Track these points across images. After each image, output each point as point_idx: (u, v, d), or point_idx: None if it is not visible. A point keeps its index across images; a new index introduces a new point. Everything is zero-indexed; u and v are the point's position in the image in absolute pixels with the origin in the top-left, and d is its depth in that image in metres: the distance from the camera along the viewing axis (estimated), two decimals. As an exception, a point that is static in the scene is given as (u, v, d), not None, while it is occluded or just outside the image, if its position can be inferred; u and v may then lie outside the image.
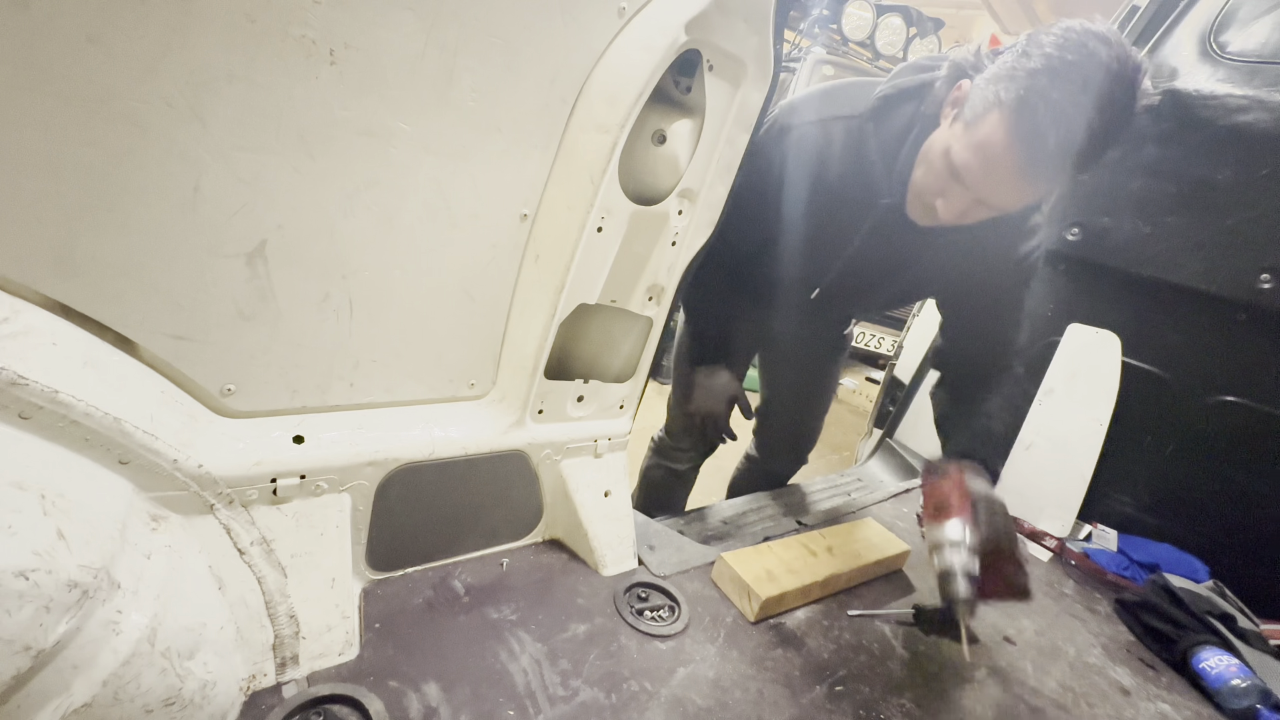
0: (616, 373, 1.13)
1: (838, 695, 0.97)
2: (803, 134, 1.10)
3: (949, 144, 0.93)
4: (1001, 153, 0.86)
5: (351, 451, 0.88)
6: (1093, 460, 1.61)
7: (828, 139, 1.09)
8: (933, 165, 0.97)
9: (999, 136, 0.86)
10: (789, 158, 1.11)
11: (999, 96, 0.86)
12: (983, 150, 0.88)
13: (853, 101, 1.09)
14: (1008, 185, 0.90)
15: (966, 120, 0.91)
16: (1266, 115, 1.42)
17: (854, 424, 4.12)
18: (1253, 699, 1.10)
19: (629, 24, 0.84)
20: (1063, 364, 1.69)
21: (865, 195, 1.11)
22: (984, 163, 0.89)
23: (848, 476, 1.89)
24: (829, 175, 1.11)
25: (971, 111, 0.90)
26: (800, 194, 1.14)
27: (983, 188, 0.91)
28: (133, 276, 0.68)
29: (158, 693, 0.61)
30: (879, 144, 1.06)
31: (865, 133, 1.07)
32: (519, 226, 0.93)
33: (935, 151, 0.96)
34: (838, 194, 1.12)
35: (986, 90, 0.89)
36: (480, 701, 0.82)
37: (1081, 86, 0.81)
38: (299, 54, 0.66)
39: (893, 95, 1.04)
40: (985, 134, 0.87)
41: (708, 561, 1.20)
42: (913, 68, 1.07)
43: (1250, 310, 1.46)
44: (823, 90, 1.16)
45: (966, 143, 0.90)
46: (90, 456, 0.64)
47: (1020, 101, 0.83)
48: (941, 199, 0.97)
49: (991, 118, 0.87)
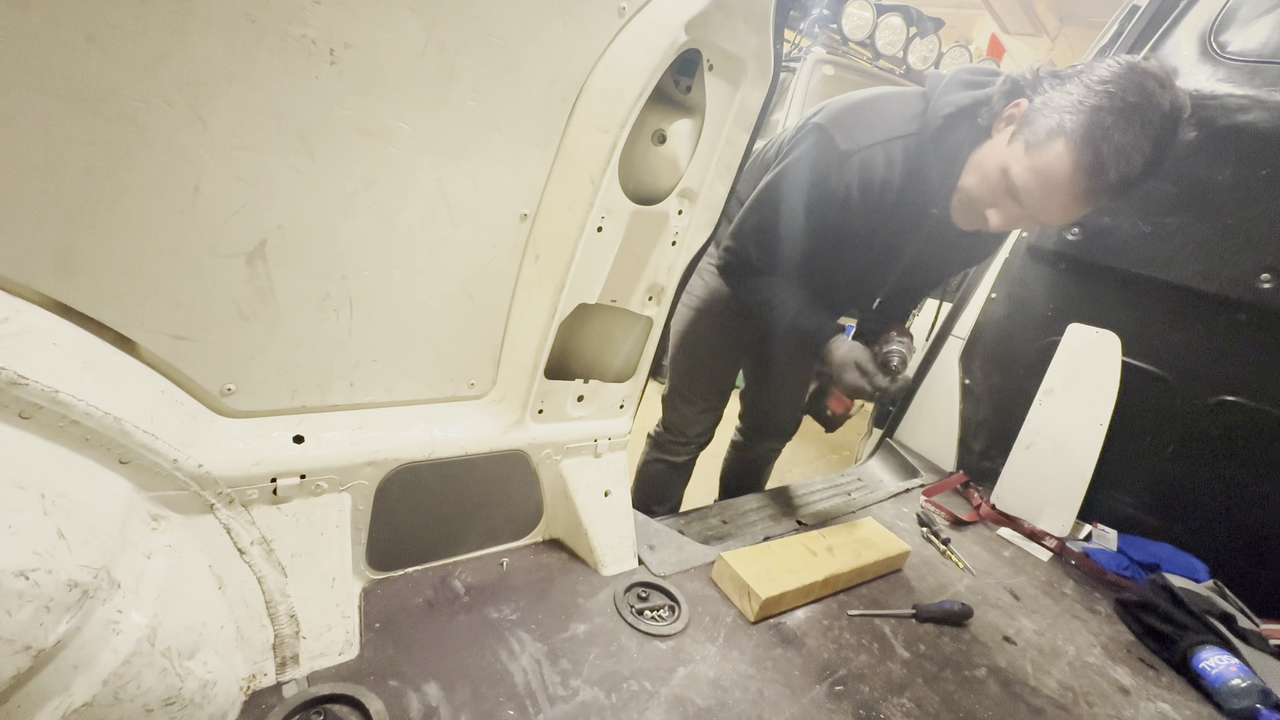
0: (616, 373, 1.13)
1: (838, 695, 0.97)
2: (868, 158, 1.10)
3: (1007, 162, 0.99)
4: (1063, 181, 0.94)
5: (351, 451, 0.88)
6: (1093, 460, 1.61)
7: (890, 160, 1.11)
8: (988, 178, 1.02)
9: (1063, 166, 0.93)
10: (855, 182, 1.11)
11: (1063, 126, 0.92)
12: (1045, 176, 0.95)
13: (906, 120, 1.11)
14: (1062, 208, 0.97)
15: (1028, 142, 0.96)
16: (1266, 115, 1.42)
17: (854, 424, 4.11)
18: (1253, 699, 1.10)
19: (629, 24, 0.84)
20: (1063, 364, 1.69)
21: (919, 207, 1.15)
22: (1044, 187, 0.95)
23: (848, 476, 1.89)
24: (890, 194, 1.13)
25: (1033, 135, 0.95)
26: (864, 214, 1.16)
27: (1038, 208, 0.98)
28: (133, 276, 0.68)
29: (158, 692, 0.61)
30: (938, 162, 1.10)
31: (925, 150, 1.10)
32: (519, 226, 0.93)
33: (991, 166, 1.01)
34: (896, 209, 1.16)
35: (1050, 118, 0.94)
36: (480, 701, 0.82)
37: (1142, 128, 0.89)
38: (299, 54, 0.66)
39: (953, 114, 1.07)
40: (1049, 161, 0.94)
41: (708, 561, 1.20)
42: (963, 83, 1.10)
43: (1250, 310, 1.45)
44: (868, 107, 1.15)
45: (1028, 165, 0.96)
46: (90, 456, 0.64)
47: (1087, 137, 0.90)
48: (994, 210, 1.03)
49: (1056, 147, 0.93)
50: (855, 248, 1.26)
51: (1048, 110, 0.95)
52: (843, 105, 1.16)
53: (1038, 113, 0.97)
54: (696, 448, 1.71)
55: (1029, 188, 0.97)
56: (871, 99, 1.17)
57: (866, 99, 1.17)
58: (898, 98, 1.16)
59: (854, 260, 1.32)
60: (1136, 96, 0.89)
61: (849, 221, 1.17)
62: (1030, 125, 0.97)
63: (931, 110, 1.09)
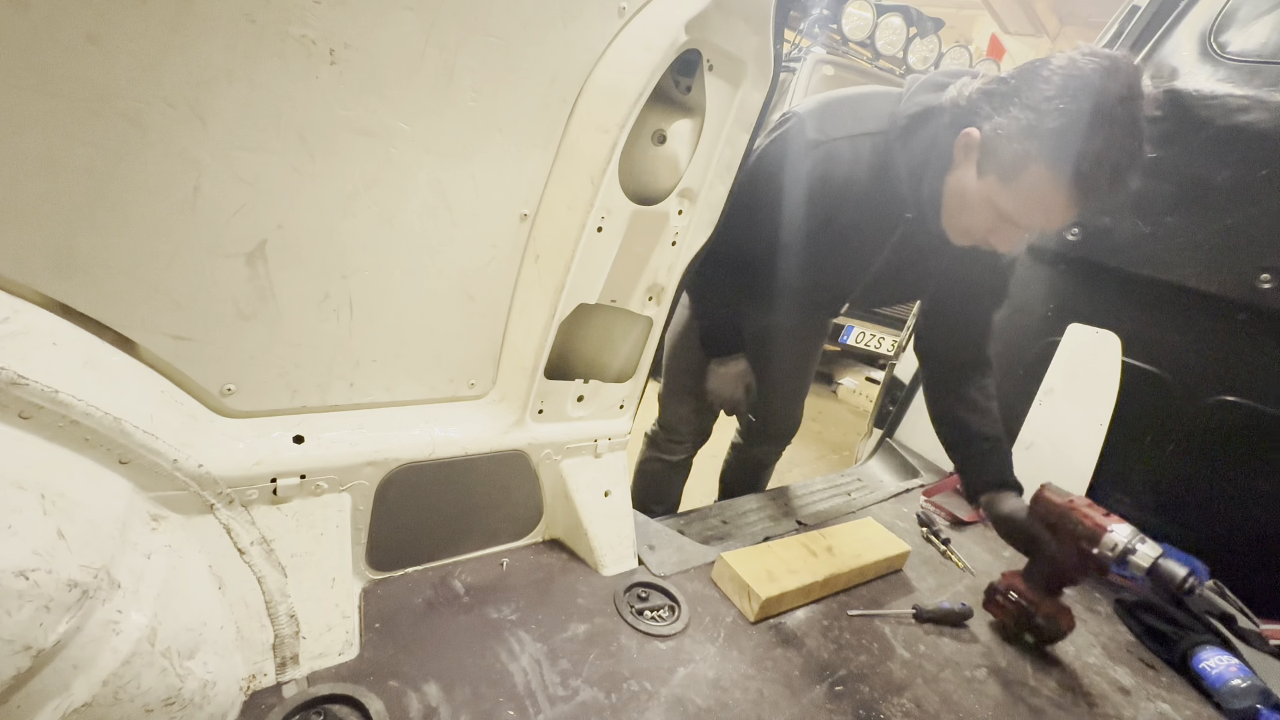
0: (616, 373, 1.13)
1: (838, 695, 0.97)
2: (834, 150, 1.11)
3: (988, 196, 1.00)
4: (1052, 196, 0.94)
5: (351, 451, 0.88)
6: (1093, 460, 1.61)
7: (856, 155, 1.11)
8: (974, 212, 1.03)
9: (1046, 185, 0.93)
10: (820, 173, 1.12)
11: (1030, 153, 0.93)
12: (1032, 198, 0.96)
13: (878, 118, 1.11)
14: (1062, 215, 0.97)
15: (1000, 175, 0.97)
16: (1266, 115, 1.42)
17: (854, 424, 4.12)
18: (1253, 699, 1.09)
19: (629, 24, 0.84)
20: (1063, 364, 1.69)
21: (890, 209, 1.15)
22: (1036, 206, 0.97)
23: (848, 476, 1.88)
24: (856, 190, 1.13)
25: (1002, 168, 0.97)
26: (830, 209, 1.16)
27: (1038, 224, 1.00)
28: (133, 276, 0.68)
29: (158, 692, 0.61)
30: (905, 161, 1.09)
31: (893, 150, 1.10)
32: (519, 226, 0.93)
33: (973, 201, 1.02)
34: (864, 208, 1.15)
35: (1012, 147, 0.94)
36: (480, 701, 0.82)
37: (1109, 126, 0.88)
38: (299, 54, 0.66)
39: (918, 114, 1.07)
40: (1031, 186, 0.94)
41: (708, 561, 1.20)
42: (930, 85, 1.10)
43: (1250, 310, 1.45)
44: (846, 102, 1.16)
45: (1012, 194, 0.97)
46: (90, 456, 0.64)
47: (1058, 156, 0.90)
48: (994, 235, 1.04)
49: (1033, 171, 0.93)
50: (825, 245, 1.24)
51: (1004, 141, 0.95)
52: (824, 98, 1.17)
53: (995, 143, 0.97)
54: (693, 446, 1.71)
55: (1021, 212, 0.98)
56: (852, 95, 1.17)
57: (848, 94, 1.18)
58: (877, 96, 1.16)
59: (826, 259, 1.29)
60: (1088, 99, 0.88)
61: (812, 212, 1.16)
62: (993, 156, 0.97)
63: (899, 110, 1.09)
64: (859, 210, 1.15)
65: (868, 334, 4.21)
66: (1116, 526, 1.06)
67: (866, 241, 1.23)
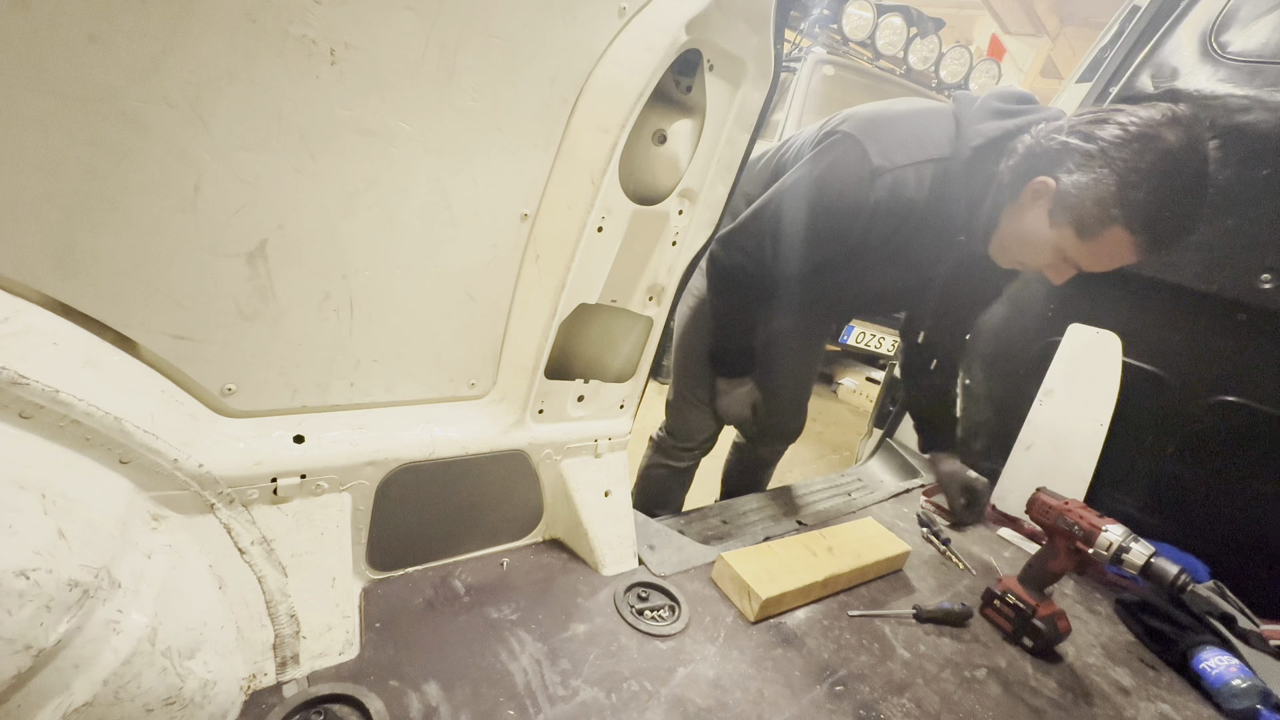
0: (617, 373, 1.14)
1: (838, 695, 0.97)
2: (901, 176, 1.11)
3: (1059, 244, 1.05)
4: (1130, 255, 1.02)
5: (352, 451, 0.88)
6: (1093, 461, 1.61)
7: (920, 180, 1.13)
8: (1037, 251, 1.09)
9: (1126, 247, 1.00)
10: (886, 199, 1.12)
11: (1112, 216, 0.98)
12: (1110, 256, 1.03)
13: (938, 143, 1.13)
14: (1125, 264, 1.04)
15: (1077, 229, 1.02)
16: (1267, 115, 1.42)
17: (854, 424, 4.11)
18: (1253, 699, 1.09)
19: (629, 24, 0.84)
20: (1063, 364, 1.69)
21: (946, 232, 1.19)
22: (1108, 260, 1.04)
23: (848, 476, 1.89)
24: (917, 212, 1.15)
25: (1079, 222, 1.01)
26: (891, 230, 1.17)
27: (1102, 270, 1.07)
28: (133, 276, 0.68)
29: (158, 692, 0.61)
30: (966, 190, 1.13)
31: (953, 177, 1.12)
32: (519, 226, 0.93)
33: (1038, 242, 1.08)
34: (922, 230, 1.17)
35: (1092, 207, 0.99)
36: (480, 701, 0.82)
37: (1183, 184, 0.95)
38: (299, 54, 0.66)
39: (984, 146, 1.10)
40: (1111, 247, 1.01)
41: (708, 561, 1.20)
42: (993, 111, 1.12)
43: (1250, 310, 1.45)
44: (902, 122, 1.15)
45: (1088, 249, 1.03)
46: (91, 456, 0.64)
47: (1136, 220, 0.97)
48: (1051, 270, 1.11)
49: (1113, 234, 0.99)
50: (872, 265, 1.27)
51: (1085, 200, 0.99)
52: (873, 116, 1.15)
53: (1072, 199, 1.01)
54: (700, 453, 1.70)
55: (1092, 263, 1.05)
56: (905, 113, 1.17)
57: (899, 112, 1.17)
58: (930, 116, 1.16)
59: (872, 278, 1.33)
60: (1173, 175, 0.94)
61: (867, 238, 1.18)
62: (1070, 210, 1.02)
63: (962, 138, 1.11)
64: (919, 231, 1.17)
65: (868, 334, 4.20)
66: (1111, 527, 1.10)
67: (925, 260, 1.26)
